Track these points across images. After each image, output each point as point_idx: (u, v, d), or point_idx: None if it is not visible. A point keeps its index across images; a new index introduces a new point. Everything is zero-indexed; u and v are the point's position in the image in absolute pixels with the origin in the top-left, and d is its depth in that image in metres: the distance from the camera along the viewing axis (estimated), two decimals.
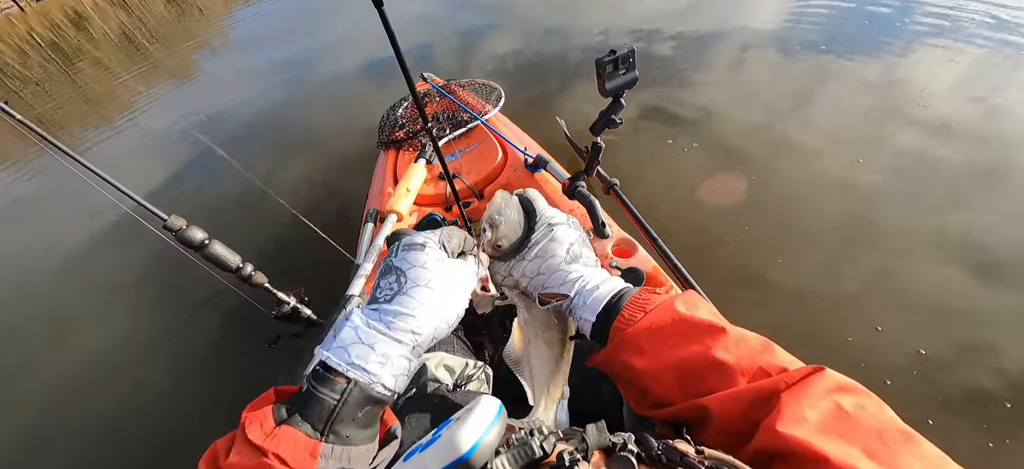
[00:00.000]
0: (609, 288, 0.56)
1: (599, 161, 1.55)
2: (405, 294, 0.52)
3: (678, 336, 0.48)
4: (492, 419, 0.49)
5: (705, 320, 0.48)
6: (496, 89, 2.36)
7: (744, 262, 1.96)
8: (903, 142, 2.39)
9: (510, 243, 0.61)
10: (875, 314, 1.69)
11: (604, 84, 1.18)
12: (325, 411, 0.46)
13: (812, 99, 2.90)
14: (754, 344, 0.46)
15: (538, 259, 0.60)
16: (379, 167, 2.05)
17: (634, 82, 1.21)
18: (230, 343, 2.24)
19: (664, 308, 0.50)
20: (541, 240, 0.60)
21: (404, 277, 0.53)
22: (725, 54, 3.64)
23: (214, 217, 3.27)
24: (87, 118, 6.65)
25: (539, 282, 0.60)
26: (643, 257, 1.35)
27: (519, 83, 3.97)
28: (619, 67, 1.18)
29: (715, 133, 2.77)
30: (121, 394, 2.23)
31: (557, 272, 0.59)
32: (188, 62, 8.36)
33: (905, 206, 2.06)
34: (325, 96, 5.02)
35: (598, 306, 0.55)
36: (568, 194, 1.57)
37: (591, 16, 5.10)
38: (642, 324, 0.50)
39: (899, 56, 3.13)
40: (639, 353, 0.49)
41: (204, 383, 2.12)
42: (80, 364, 2.48)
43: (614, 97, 1.24)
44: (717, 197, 2.32)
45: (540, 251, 0.60)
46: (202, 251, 1.21)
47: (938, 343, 1.59)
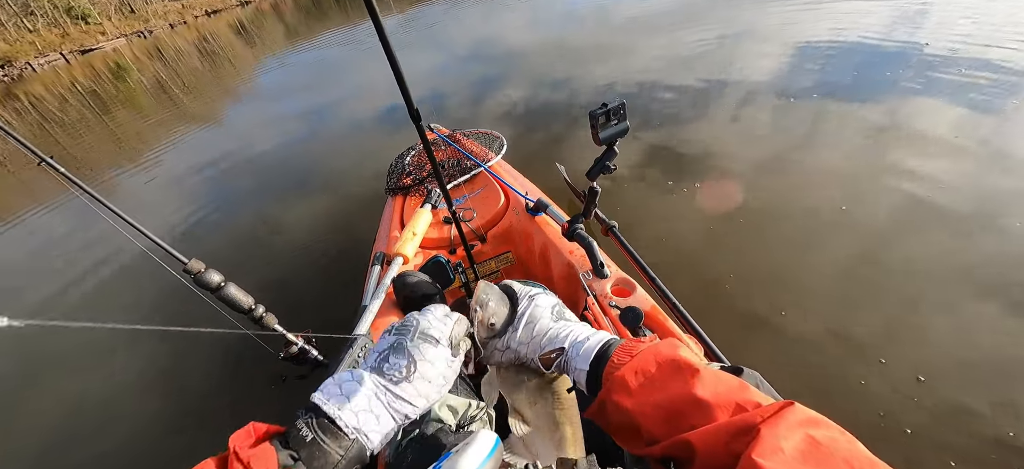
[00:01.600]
0: (598, 338, 0.62)
1: (596, 204, 1.62)
2: (410, 383, 0.59)
3: (662, 376, 0.51)
4: (488, 452, 0.53)
5: (685, 360, 0.52)
6: (499, 138, 2.44)
7: (750, 306, 1.99)
8: (907, 184, 2.44)
9: (500, 320, 0.68)
10: (884, 354, 1.70)
11: (598, 134, 1.26)
12: (327, 463, 0.51)
13: (812, 143, 3.00)
14: (731, 382, 0.49)
15: (529, 325, 0.66)
16: (387, 212, 2.10)
17: (626, 131, 1.29)
18: (239, 381, 2.24)
19: (649, 351, 0.55)
20: (527, 309, 0.67)
21: (415, 367, 0.60)
22: (726, 102, 3.78)
23: (229, 257, 3.38)
24: (115, 159, 6.90)
25: (536, 345, 0.66)
26: (642, 296, 1.37)
27: (528, 129, 4.14)
28: (611, 118, 1.26)
29: (718, 176, 2.85)
30: (129, 429, 2.23)
31: (549, 332, 0.65)
32: (216, 110, 8.83)
33: (911, 245, 2.10)
34: (340, 142, 5.24)
35: (590, 355, 0.60)
36: (567, 236, 1.62)
37: (596, 68, 5.31)
38: (629, 366, 0.54)
39: (901, 99, 3.23)
40: (627, 393, 0.52)
41: (212, 420, 2.11)
42: (91, 397, 2.50)
43: (607, 145, 1.32)
44: (721, 239, 2.39)
45: (528, 318, 0.67)
46: (218, 293, 1.23)
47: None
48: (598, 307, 1.37)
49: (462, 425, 0.90)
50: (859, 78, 3.65)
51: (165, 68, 17.27)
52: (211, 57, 17.82)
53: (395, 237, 1.81)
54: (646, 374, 0.52)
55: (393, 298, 1.54)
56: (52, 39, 35.00)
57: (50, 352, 2.95)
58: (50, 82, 22.32)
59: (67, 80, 21.57)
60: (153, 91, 12.62)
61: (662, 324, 1.30)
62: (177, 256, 1.20)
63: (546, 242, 1.71)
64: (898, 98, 3.25)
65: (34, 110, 15.11)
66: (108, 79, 18.09)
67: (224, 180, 4.96)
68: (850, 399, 1.61)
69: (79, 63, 29.01)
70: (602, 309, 1.37)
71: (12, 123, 13.30)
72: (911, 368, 1.65)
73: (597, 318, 1.34)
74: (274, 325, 1.34)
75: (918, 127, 2.89)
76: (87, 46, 35.26)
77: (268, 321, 1.33)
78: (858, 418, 1.56)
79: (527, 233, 1.80)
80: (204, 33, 29.86)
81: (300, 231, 3.46)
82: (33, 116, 13.85)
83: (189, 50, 22.36)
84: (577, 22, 7.86)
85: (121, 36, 38.22)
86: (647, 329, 1.31)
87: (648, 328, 1.31)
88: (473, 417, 0.92)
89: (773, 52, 4.52)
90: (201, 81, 12.91)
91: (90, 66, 25.78)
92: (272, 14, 32.37)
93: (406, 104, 0.98)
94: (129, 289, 3.29)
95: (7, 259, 4.49)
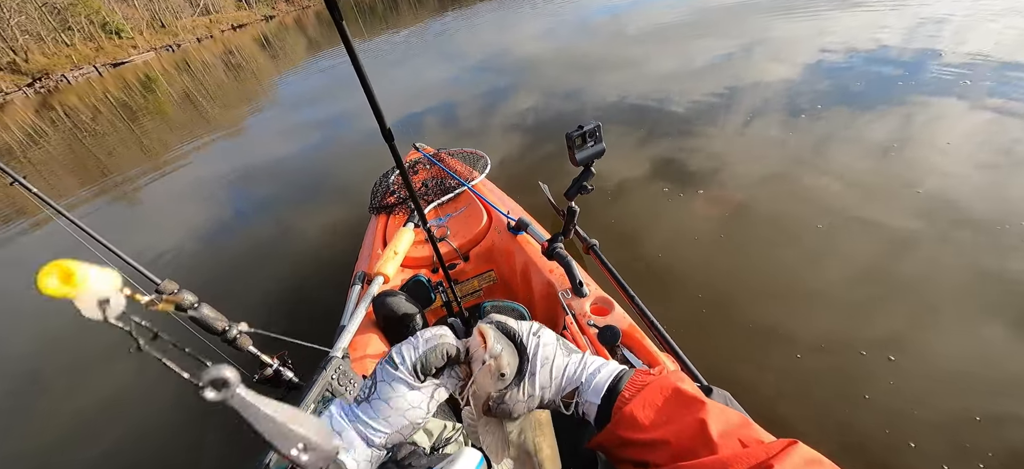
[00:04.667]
0: (610, 371, 0.59)
1: (576, 223, 1.58)
2: (369, 404, 0.60)
3: (670, 410, 0.51)
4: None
5: (691, 394, 0.51)
6: (483, 157, 2.41)
7: (753, 318, 1.93)
8: (916, 198, 2.35)
9: (513, 369, 0.60)
10: (894, 372, 1.64)
11: (575, 155, 1.24)
12: None
13: (823, 154, 2.90)
14: (734, 418, 0.48)
15: (544, 366, 0.60)
16: (369, 231, 2.06)
17: (602, 153, 1.26)
18: (210, 405, 2.19)
19: (656, 384, 0.53)
20: (537, 349, 0.61)
21: (375, 390, 0.61)
22: (736, 114, 3.69)
23: (209, 275, 3.34)
24: (139, 163, 7.14)
25: (556, 386, 0.60)
26: (620, 315, 1.33)
27: (536, 140, 4.12)
28: (587, 140, 1.24)
29: (724, 188, 2.78)
30: (98, 452, 2.20)
31: (566, 368, 0.61)
32: (239, 119, 9.02)
33: (921, 261, 2.02)
34: (340, 156, 5.27)
35: (602, 389, 0.57)
36: (547, 255, 1.58)
37: (606, 77, 5.27)
38: (638, 400, 0.53)
39: (916, 110, 3.11)
40: (637, 426, 0.51)
41: (182, 444, 2.09)
42: (59, 419, 2.47)
43: (585, 166, 1.29)
44: (725, 249, 2.33)
45: (541, 359, 0.61)
46: (190, 313, 1.20)
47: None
48: (576, 326, 1.33)
49: (437, 447, 0.86)
50: (871, 89, 3.54)
51: (192, 80, 17.78)
52: (236, 70, 18.27)
53: (377, 255, 1.77)
54: (654, 408, 0.51)
55: (373, 318, 1.51)
56: (87, 53, 36.02)
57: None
58: (83, 93, 23.04)
59: (100, 91, 22.28)
60: (181, 103, 12.98)
61: (640, 342, 1.27)
62: (150, 277, 1.18)
63: (527, 261, 1.67)
64: (911, 109, 3.14)
65: (68, 119, 15.56)
66: (138, 90, 18.63)
67: (222, 194, 5.01)
68: (851, 417, 1.55)
69: (111, 76, 29.86)
70: (580, 328, 1.33)
71: (47, 132, 13.70)
72: (916, 388, 1.58)
73: (575, 337, 1.30)
74: (248, 347, 1.31)
75: (929, 139, 2.78)
76: (119, 59, 36.26)
77: (242, 342, 1.29)
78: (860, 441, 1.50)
79: (509, 252, 1.76)
80: (230, 46, 30.48)
81: (286, 247, 3.45)
82: (67, 125, 14.25)
83: (215, 63, 22.87)
84: (590, 33, 7.83)
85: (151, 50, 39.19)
86: (624, 347, 1.28)
87: (626, 346, 1.27)
88: (448, 439, 0.88)
89: (785, 64, 4.41)
90: (225, 92, 13.28)
91: (121, 78, 26.55)
92: (295, 28, 32.91)
93: (378, 123, 0.95)
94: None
95: None
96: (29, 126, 16.21)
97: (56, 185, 7.25)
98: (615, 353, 1.26)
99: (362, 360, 1.36)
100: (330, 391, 1.09)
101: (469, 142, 4.49)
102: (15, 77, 32.08)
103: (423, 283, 1.60)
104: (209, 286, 3.17)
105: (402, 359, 0.63)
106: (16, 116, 20.52)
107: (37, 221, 5.31)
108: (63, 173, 8.02)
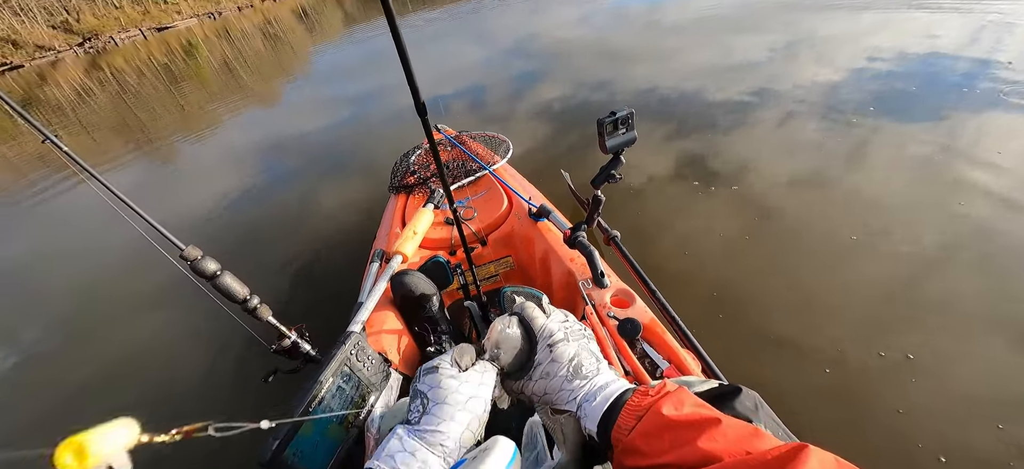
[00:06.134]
0: (605, 397, 0.58)
1: (599, 213, 1.52)
2: (430, 414, 0.60)
3: (669, 439, 0.48)
4: (507, 462, 0.50)
5: (689, 417, 0.49)
6: (505, 141, 2.35)
7: (774, 321, 1.86)
8: (960, 212, 2.21)
9: (513, 368, 0.65)
10: (911, 386, 1.58)
11: (605, 142, 1.18)
12: None
13: (858, 160, 2.75)
14: (741, 431, 0.45)
15: (542, 379, 0.62)
16: (388, 210, 2.04)
17: (633, 141, 1.20)
18: (227, 372, 2.23)
19: (653, 414, 0.51)
20: (543, 361, 0.63)
21: (426, 399, 0.61)
22: (769, 113, 3.54)
23: (226, 245, 3.38)
24: (180, 128, 7.26)
25: (547, 400, 0.63)
26: (641, 308, 1.29)
27: (563, 128, 4.02)
28: (619, 127, 1.18)
29: (750, 188, 2.67)
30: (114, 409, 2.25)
31: (561, 392, 0.61)
32: (273, 89, 9.17)
33: (948, 277, 1.91)
34: (367, 133, 5.24)
35: (597, 417, 0.56)
36: (569, 243, 1.53)
37: (638, 68, 5.11)
38: (637, 431, 0.51)
39: (960, 121, 2.90)
40: (640, 455, 0.50)
41: (195, 411, 2.08)
42: (82, 374, 2.52)
43: (614, 154, 1.24)
44: (751, 251, 2.24)
45: (543, 372, 0.62)
46: (213, 281, 1.20)
47: None
48: (596, 317, 1.29)
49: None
50: (922, 95, 3.31)
51: (231, 48, 18.07)
52: (273, 40, 18.44)
53: (396, 234, 1.75)
54: (653, 437, 0.50)
55: (390, 296, 1.49)
56: (134, 16, 37.08)
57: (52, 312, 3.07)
58: (129, 56, 23.72)
59: (145, 54, 22.90)
60: (220, 70, 13.24)
61: (660, 337, 1.21)
62: (174, 241, 1.18)
63: (547, 248, 1.62)
64: (964, 119, 2.92)
65: (115, 81, 16.07)
66: (180, 56, 19.06)
67: (253, 162, 5.03)
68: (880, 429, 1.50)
69: (155, 40, 30.62)
70: (600, 319, 1.29)
71: (95, 92, 14.19)
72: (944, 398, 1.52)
73: (594, 328, 1.26)
74: (268, 317, 1.30)
75: (981, 152, 2.58)
76: (164, 24, 37.18)
77: (262, 313, 1.29)
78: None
79: (528, 238, 1.72)
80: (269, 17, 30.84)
81: (310, 220, 3.46)
82: (113, 86, 14.73)
83: (254, 32, 23.16)
84: (625, 22, 7.58)
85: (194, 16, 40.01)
86: (644, 342, 1.23)
87: (645, 340, 1.23)
88: None
89: (830, 65, 4.17)
90: (262, 62, 13.45)
91: (165, 43, 27.23)
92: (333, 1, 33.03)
93: (413, 98, 0.92)
94: (132, 271, 3.25)
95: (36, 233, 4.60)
96: (79, 85, 16.83)
97: (101, 143, 7.49)
98: (635, 347, 1.22)
99: (378, 336, 1.35)
100: (348, 366, 1.08)
101: (494, 127, 4.42)
102: (67, 36, 33.30)
103: (442, 264, 1.57)
104: (233, 252, 3.22)
105: (440, 361, 0.65)
106: (67, 75, 21.31)
107: (70, 176, 5.47)
108: (108, 132, 8.25)
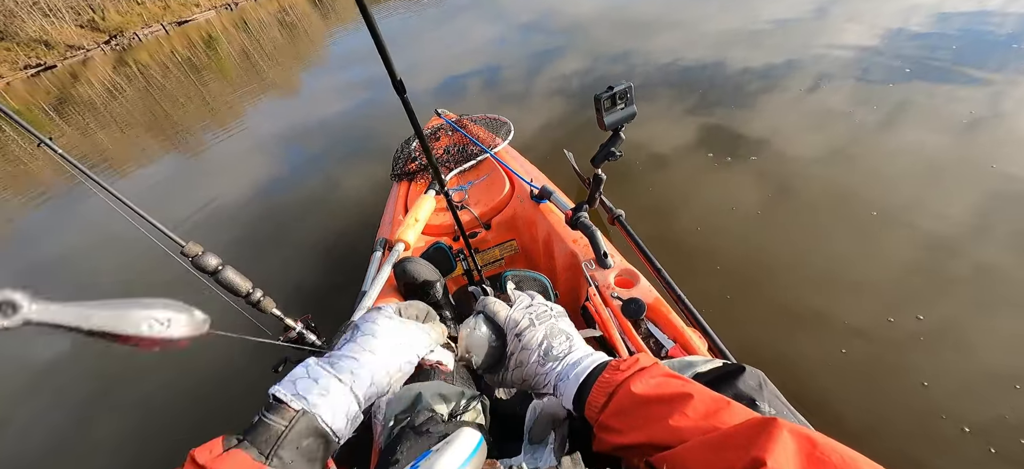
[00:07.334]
0: (577, 376, 0.57)
1: (601, 192, 1.47)
2: (353, 342, 0.58)
3: (640, 415, 0.49)
4: (469, 454, 0.49)
5: (659, 393, 0.49)
6: (506, 123, 2.28)
7: (792, 298, 1.79)
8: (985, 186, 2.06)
9: (489, 364, 0.67)
10: (936, 367, 1.50)
11: (603, 119, 1.14)
12: (272, 436, 0.47)
13: (892, 128, 2.57)
14: (710, 406, 0.45)
15: (517, 369, 0.64)
16: (391, 198, 2.02)
17: (632, 117, 1.15)
18: (236, 363, 2.22)
19: (623, 392, 0.51)
20: (514, 352, 0.64)
21: (357, 331, 0.59)
22: (795, 80, 3.34)
23: (229, 241, 3.41)
24: (205, 121, 7.39)
25: (527, 386, 0.65)
26: (645, 288, 1.24)
27: (581, 105, 3.90)
28: (617, 102, 1.14)
29: (774, 162, 2.54)
30: (123, 404, 2.29)
31: (537, 377, 0.62)
32: (291, 79, 9.25)
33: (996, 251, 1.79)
34: (384, 116, 5.12)
35: (571, 395, 0.57)
36: (571, 224, 1.49)
37: (658, 39, 4.88)
38: (609, 409, 0.51)
39: (997, 91, 2.66)
40: (615, 432, 0.50)
41: (208, 399, 2.13)
42: (87, 373, 2.56)
43: (614, 130, 1.19)
44: (772, 225, 2.15)
45: (516, 361, 0.64)
46: (215, 277, 1.21)
47: None
48: (599, 298, 1.26)
49: (454, 414, 0.83)
50: (961, 58, 3.05)
51: (249, 39, 18.18)
52: (289, 28, 18.45)
53: (398, 222, 1.73)
54: (624, 413, 0.50)
55: (394, 284, 1.48)
56: (155, 11, 37.74)
57: None
58: (153, 50, 24.13)
59: (168, 49, 23.27)
60: (240, 60, 13.38)
61: (665, 317, 1.17)
62: (175, 238, 1.18)
63: (550, 230, 1.58)
64: (1002, 86, 2.68)
65: (141, 76, 16.44)
66: (201, 48, 19.31)
67: (268, 153, 5.03)
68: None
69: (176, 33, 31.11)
70: (604, 300, 1.25)
71: (124, 88, 14.55)
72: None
73: (598, 310, 1.23)
74: (272, 309, 1.31)
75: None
76: (183, 18, 37.75)
77: (266, 305, 1.29)
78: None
79: (531, 221, 1.67)
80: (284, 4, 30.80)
81: (316, 210, 3.45)
82: (140, 82, 15.07)
83: (270, 21, 23.22)
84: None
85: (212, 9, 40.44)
86: (650, 321, 1.20)
87: (651, 320, 1.20)
88: (466, 406, 0.87)
89: (863, 25, 3.90)
90: (279, 50, 13.53)
91: (186, 36, 27.58)
92: None
93: (388, 74, 0.87)
94: (138, 270, 3.25)
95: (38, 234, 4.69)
96: (108, 82, 17.30)
97: (135, 139, 7.66)
98: (639, 327, 1.18)
99: None
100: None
101: (508, 106, 4.30)
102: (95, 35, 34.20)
103: (444, 250, 1.55)
104: (240, 244, 3.26)
105: (383, 307, 0.64)
106: (97, 72, 21.90)
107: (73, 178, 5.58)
108: (137, 127, 8.47)
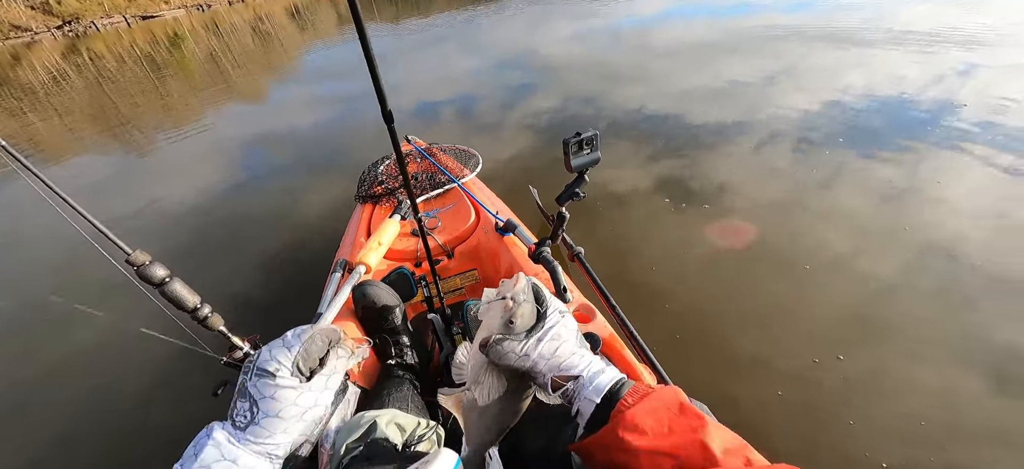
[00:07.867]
0: (613, 374, 0.59)
1: (564, 230, 1.52)
2: (259, 425, 0.57)
3: (675, 421, 0.49)
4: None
5: (692, 408, 0.51)
6: (474, 155, 2.32)
7: (735, 341, 1.88)
8: (918, 243, 2.26)
9: (525, 326, 0.62)
10: (869, 411, 1.61)
11: (570, 161, 1.21)
12: None
13: (828, 188, 2.79)
14: (735, 439, 0.47)
15: (554, 341, 0.61)
16: (353, 219, 1.99)
17: (597, 162, 1.23)
18: (172, 385, 2.10)
19: (659, 394, 0.53)
20: (556, 324, 0.62)
21: (257, 408, 0.58)
22: (746, 138, 3.56)
23: (196, 239, 3.28)
24: (160, 121, 6.98)
25: (555, 362, 0.60)
26: (601, 323, 1.29)
27: (549, 142, 4.00)
28: (584, 147, 1.22)
29: (724, 212, 2.69)
30: (55, 421, 2.09)
31: (573, 355, 0.61)
32: (260, 87, 8.90)
33: (916, 303, 1.96)
34: (353, 137, 5.09)
35: (603, 389, 0.56)
36: (533, 258, 1.52)
37: (625, 89, 5.08)
38: (640, 406, 0.51)
39: (921, 158, 2.96)
40: (639, 433, 0.49)
41: (140, 426, 1.99)
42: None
43: (579, 173, 1.26)
44: (718, 272, 2.26)
45: (555, 333, 0.61)
46: (161, 288, 1.14)
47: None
48: None
49: (409, 445, 0.81)
50: (887, 132, 3.38)
51: (218, 41, 17.62)
52: (263, 37, 18.05)
53: (360, 244, 1.70)
54: (656, 417, 0.50)
55: (351, 307, 1.45)
56: (119, 2, 36.02)
57: None
58: (111, 42, 22.94)
59: (127, 42, 22.18)
60: (206, 63, 12.83)
61: (619, 352, 1.21)
62: (120, 245, 1.11)
63: (512, 262, 1.60)
64: (923, 156, 3.00)
65: (93, 66, 15.54)
66: (164, 45, 18.51)
67: (227, 161, 4.86)
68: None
69: (139, 28, 29.78)
70: None
71: (71, 76, 13.71)
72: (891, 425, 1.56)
73: None
74: (219, 327, 1.25)
75: (939, 190, 2.64)
76: (150, 13, 36.23)
77: (213, 322, 1.22)
78: None
79: (494, 252, 1.70)
80: (260, 13, 30.24)
81: (267, 230, 3.32)
82: (91, 71, 14.24)
83: (243, 27, 22.66)
84: (617, 41, 7.57)
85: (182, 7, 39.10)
86: (603, 356, 1.23)
87: (605, 354, 1.23)
88: (421, 436, 0.84)
89: (807, 94, 4.24)
90: (250, 57, 13.10)
91: (149, 31, 26.45)
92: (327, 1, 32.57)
93: (380, 105, 0.89)
94: (67, 271, 3.09)
95: None
96: (54, 68, 16.25)
97: (75, 130, 7.21)
98: None
99: None
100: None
101: (477, 137, 4.35)
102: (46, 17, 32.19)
103: (406, 276, 1.54)
104: (185, 255, 3.10)
105: (279, 366, 0.62)
106: (42, 57, 20.56)
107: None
108: (83, 119, 7.95)
